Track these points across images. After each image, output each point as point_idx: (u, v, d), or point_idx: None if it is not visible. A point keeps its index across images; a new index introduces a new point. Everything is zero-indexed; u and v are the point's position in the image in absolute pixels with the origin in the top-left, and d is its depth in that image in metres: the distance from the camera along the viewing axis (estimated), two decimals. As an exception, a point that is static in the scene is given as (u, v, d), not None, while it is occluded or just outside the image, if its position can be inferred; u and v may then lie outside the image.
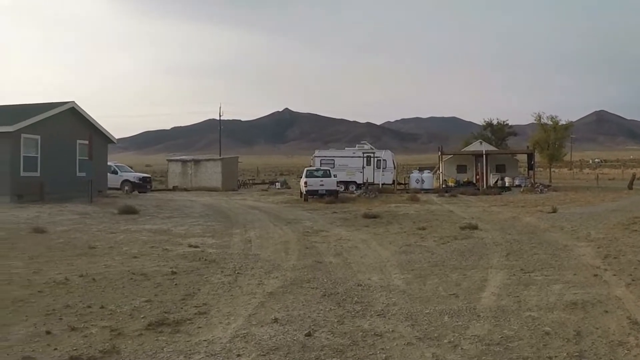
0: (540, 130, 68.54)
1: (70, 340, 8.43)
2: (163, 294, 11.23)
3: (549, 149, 66.74)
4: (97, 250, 16.79)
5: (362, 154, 54.33)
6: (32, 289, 11.78)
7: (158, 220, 24.87)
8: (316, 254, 16.17)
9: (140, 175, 52.27)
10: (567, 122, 71.65)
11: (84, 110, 39.70)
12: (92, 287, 11.90)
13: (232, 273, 13.27)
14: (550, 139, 66.99)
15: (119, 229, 21.62)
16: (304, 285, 11.94)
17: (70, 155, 38.23)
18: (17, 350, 8.05)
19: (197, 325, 9.07)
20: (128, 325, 9.12)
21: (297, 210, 31.09)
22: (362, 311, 9.85)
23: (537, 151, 62.27)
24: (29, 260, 15.08)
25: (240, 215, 27.99)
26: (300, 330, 8.74)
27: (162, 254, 15.97)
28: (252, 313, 9.72)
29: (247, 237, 19.63)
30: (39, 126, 34.68)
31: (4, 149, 32.89)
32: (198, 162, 59.91)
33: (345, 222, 24.48)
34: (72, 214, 27.20)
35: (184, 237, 19.55)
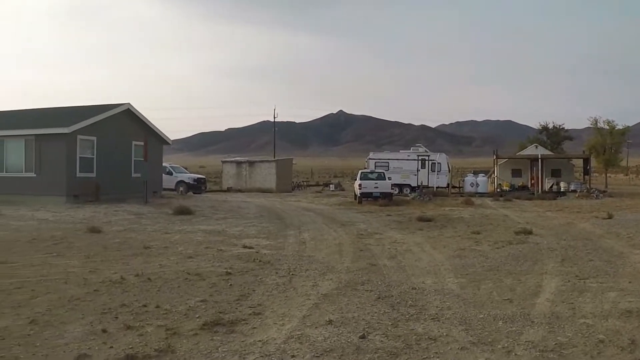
0: (596, 134, 67.58)
1: (125, 338, 8.52)
2: (218, 294, 11.29)
3: (605, 154, 65.78)
4: (152, 250, 16.96)
5: (416, 157, 54.12)
6: (89, 287, 11.93)
7: (213, 221, 25.03)
8: (370, 256, 16.15)
9: (195, 176, 52.52)
10: (623, 126, 70.52)
11: (139, 112, 40.05)
12: (147, 286, 12.02)
13: (287, 274, 13.31)
14: (606, 144, 66.06)
15: (174, 230, 21.83)
16: (358, 288, 11.93)
17: (126, 156, 38.62)
18: (73, 347, 8.16)
19: (252, 325, 9.12)
20: (183, 324, 9.19)
21: (351, 213, 31.09)
22: (416, 314, 9.82)
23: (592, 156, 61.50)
24: (85, 260, 15.28)
25: (294, 216, 28.06)
26: (355, 333, 8.74)
27: (217, 255, 16.07)
28: (306, 314, 9.74)
29: (301, 239, 19.69)
30: (95, 127, 35.11)
31: (60, 150, 33.35)
32: (252, 164, 60.16)
33: (399, 225, 24.42)
34: (128, 214, 27.48)
35: (238, 238, 19.65)
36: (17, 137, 35.21)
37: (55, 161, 33.59)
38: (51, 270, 13.81)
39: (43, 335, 8.76)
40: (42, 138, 34.09)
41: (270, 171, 58.62)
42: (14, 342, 8.43)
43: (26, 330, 9.01)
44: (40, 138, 34.14)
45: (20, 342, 8.42)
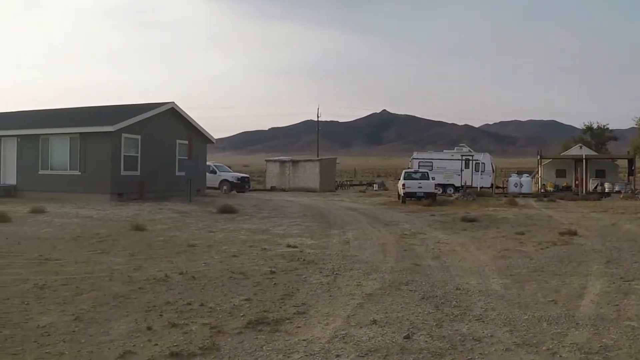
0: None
1: (170, 336, 8.54)
2: (262, 293, 11.29)
3: (650, 154, 65.06)
4: (196, 248, 17.03)
5: (460, 157, 53.86)
6: (133, 285, 11.99)
7: (256, 220, 25.09)
8: (414, 256, 16.06)
9: (238, 175, 52.72)
10: (669, 126, 69.82)
11: (184, 111, 40.30)
12: (191, 284, 12.05)
13: (331, 274, 13.28)
14: (652, 144, 65.33)
15: (217, 228, 21.90)
16: (402, 288, 11.86)
17: (170, 154, 38.95)
18: (118, 345, 8.19)
19: (296, 324, 9.10)
20: (228, 323, 9.19)
21: (395, 212, 31.00)
22: (461, 315, 9.75)
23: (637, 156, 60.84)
24: (130, 257, 15.39)
25: (338, 216, 28.04)
26: (399, 333, 8.69)
27: (261, 254, 16.08)
28: (350, 314, 9.70)
29: (345, 238, 19.64)
30: (140, 126, 35.44)
31: (105, 149, 33.71)
32: (296, 163, 60.20)
33: (443, 225, 24.29)
34: (172, 212, 27.64)
35: (282, 237, 19.66)
36: (62, 135, 35.64)
37: (100, 159, 33.95)
38: (96, 268, 13.91)
39: (88, 331, 8.81)
40: (87, 136, 34.46)
41: (313, 170, 58.62)
42: (59, 339, 8.48)
43: (71, 326, 9.07)
44: (85, 136, 34.52)
45: (65, 339, 8.47)
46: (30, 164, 36.96)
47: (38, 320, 9.43)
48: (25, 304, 10.44)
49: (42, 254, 15.75)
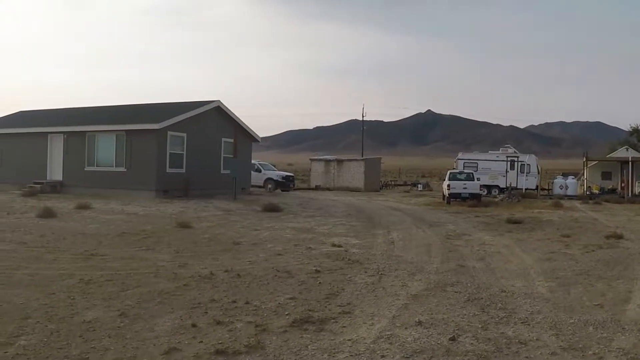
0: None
1: (215, 334, 8.55)
2: (307, 291, 11.28)
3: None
4: (241, 246, 17.06)
5: (505, 158, 53.43)
6: (178, 282, 12.04)
7: (301, 219, 25.11)
8: (459, 257, 15.96)
9: (283, 174, 52.81)
10: None
11: (229, 109, 40.41)
12: (236, 282, 12.07)
13: (376, 274, 13.21)
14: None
15: (262, 226, 21.92)
16: (448, 289, 11.78)
17: (215, 152, 39.14)
18: (163, 341, 8.22)
19: (341, 324, 9.06)
20: (273, 321, 9.18)
21: (439, 213, 30.87)
22: (506, 318, 9.65)
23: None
24: (175, 254, 15.46)
25: (382, 216, 27.97)
26: (444, 334, 8.62)
27: (306, 252, 16.07)
28: (395, 315, 9.65)
29: (389, 238, 19.57)
30: (186, 124, 35.64)
31: (151, 146, 33.93)
32: (341, 162, 60.21)
33: (487, 227, 24.12)
34: (217, 210, 27.75)
35: (327, 236, 19.62)
36: (108, 133, 35.99)
37: (145, 156, 34.19)
38: (141, 264, 13.99)
39: (133, 327, 8.85)
40: (133, 134, 34.72)
41: (358, 170, 58.57)
42: (104, 334, 8.53)
43: (116, 322, 9.12)
44: (131, 133, 34.78)
45: (111, 334, 8.52)
46: (76, 161, 37.33)
47: (84, 315, 9.50)
48: (71, 299, 10.53)
49: (88, 250, 15.89)
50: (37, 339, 8.32)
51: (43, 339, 8.30)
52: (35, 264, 13.95)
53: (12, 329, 8.75)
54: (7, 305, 10.08)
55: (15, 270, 13.20)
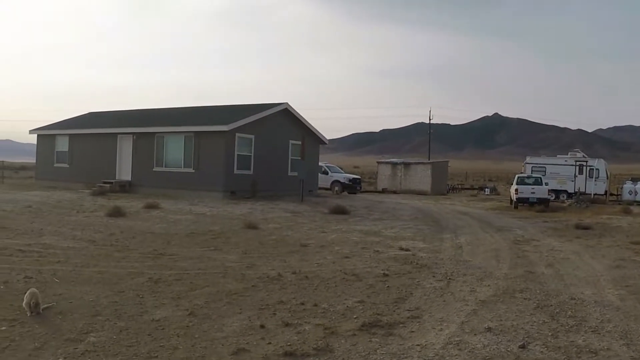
0: None
1: (283, 335, 8.55)
2: (375, 295, 11.21)
3: None
4: (308, 248, 17.09)
5: (574, 162, 52.74)
6: (246, 283, 12.09)
7: (368, 222, 25.02)
8: (527, 263, 15.75)
9: (350, 177, 52.79)
10: None
11: (297, 112, 40.49)
12: (304, 284, 12.08)
13: (444, 278, 13.10)
14: None
15: (330, 229, 21.93)
16: (517, 295, 11.62)
17: (283, 154, 39.24)
18: (232, 341, 8.25)
19: (410, 329, 8.98)
20: (341, 324, 9.15)
21: (507, 218, 30.58)
22: (576, 326, 9.47)
23: None
24: (243, 255, 15.53)
25: (449, 220, 27.80)
26: (514, 342, 8.49)
27: (374, 256, 16.00)
28: (464, 320, 9.54)
29: (457, 243, 19.42)
30: (253, 126, 35.78)
31: (219, 147, 34.15)
32: (408, 165, 60.01)
33: (556, 232, 23.78)
34: (284, 211, 27.81)
35: (394, 240, 19.53)
36: (177, 134, 36.32)
37: (213, 158, 34.41)
38: (209, 264, 14.08)
39: (202, 327, 8.90)
40: (201, 135, 34.97)
41: (425, 173, 58.35)
42: (173, 333, 8.60)
43: (185, 321, 9.19)
44: (199, 135, 35.04)
45: (179, 333, 8.58)
46: (145, 161, 37.81)
47: (152, 313, 9.58)
48: (139, 297, 10.64)
49: (156, 249, 16.06)
50: (106, 336, 8.42)
51: (112, 336, 8.39)
52: (104, 261, 14.13)
53: (81, 325, 8.86)
54: (77, 302, 10.21)
55: (85, 267, 13.38)
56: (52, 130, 46.21)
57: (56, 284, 11.72)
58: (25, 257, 14.63)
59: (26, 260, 14.21)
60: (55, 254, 15.16)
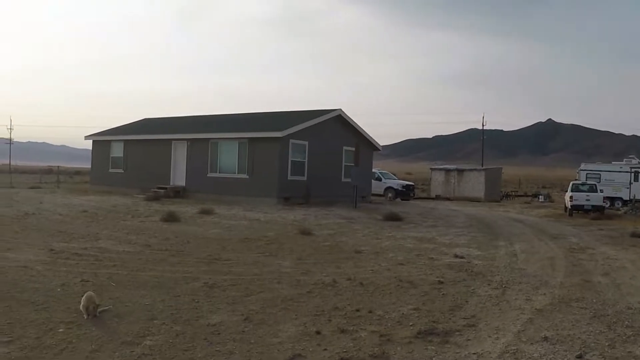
0: None
1: (339, 342, 8.55)
2: (431, 302, 11.15)
3: None
4: (363, 255, 17.05)
5: (629, 169, 52.08)
6: (301, 289, 12.11)
7: (422, 229, 24.90)
8: (583, 272, 15.55)
9: (403, 183, 52.80)
10: None
11: (350, 118, 40.49)
12: (359, 291, 12.06)
13: (499, 286, 12.98)
14: None
15: (383, 235, 21.85)
16: (573, 304, 11.47)
17: (336, 160, 39.30)
18: (287, 347, 8.27)
19: (466, 337, 8.91)
20: (397, 331, 9.12)
21: (561, 225, 30.28)
22: (634, 336, 9.30)
23: None
24: (297, 261, 15.56)
25: (504, 227, 27.59)
26: (571, 351, 8.38)
27: (428, 263, 15.91)
28: (521, 329, 9.43)
29: (512, 250, 19.24)
30: (307, 132, 35.87)
31: (273, 153, 34.30)
32: (461, 172, 59.78)
33: (611, 240, 23.44)
34: (338, 217, 27.81)
35: (448, 247, 19.40)
36: (231, 140, 36.56)
37: (267, 164, 34.57)
38: (264, 270, 14.13)
39: (257, 332, 8.93)
40: (255, 141, 35.16)
41: (479, 180, 58.06)
42: (229, 337, 8.65)
43: (241, 326, 9.23)
44: (253, 141, 35.23)
45: (235, 338, 8.62)
46: (199, 167, 38.11)
47: (208, 318, 9.64)
48: (195, 302, 10.72)
49: (211, 254, 16.16)
50: (162, 339, 8.49)
51: (168, 340, 8.46)
52: (160, 266, 14.25)
53: (138, 329, 8.95)
54: (133, 306, 10.32)
55: (140, 271, 13.51)
56: (107, 136, 46.81)
57: (112, 287, 11.85)
58: (81, 260, 14.82)
59: (82, 263, 14.41)
60: (111, 257, 15.34)
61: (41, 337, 8.51)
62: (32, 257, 15.16)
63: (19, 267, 13.79)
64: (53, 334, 8.66)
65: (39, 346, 8.15)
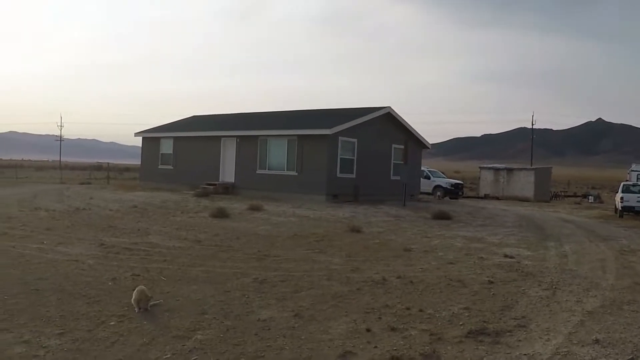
0: None
1: (390, 340, 8.55)
2: (481, 302, 11.10)
3: None
4: (412, 253, 17.00)
5: (681, 169, 51.36)
6: (351, 286, 12.13)
7: (471, 228, 24.74)
8: (634, 274, 15.31)
9: (452, 182, 52.62)
10: None
11: (400, 116, 40.37)
12: (409, 289, 12.05)
13: (550, 287, 12.86)
14: None
15: (433, 234, 21.77)
16: (624, 307, 11.31)
17: (385, 158, 39.24)
18: (337, 344, 8.29)
19: (517, 338, 8.85)
20: (447, 331, 9.09)
21: (612, 227, 29.90)
22: (687, 341, 9.23)
23: None
24: (347, 258, 15.58)
25: (553, 227, 27.32)
26: (622, 355, 8.29)
27: (478, 262, 15.83)
28: (571, 331, 9.34)
29: (562, 251, 19.05)
30: (356, 130, 35.81)
31: (322, 151, 34.29)
32: (511, 171, 59.34)
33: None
34: (386, 215, 27.78)
35: (498, 247, 19.26)
36: (280, 137, 36.60)
37: (316, 161, 34.57)
38: (314, 266, 14.17)
39: (308, 329, 8.97)
40: (304, 138, 35.17)
41: (528, 179, 57.58)
42: (279, 333, 8.70)
43: (291, 322, 9.28)
44: (302, 138, 35.25)
45: (286, 334, 8.67)
46: (248, 164, 38.27)
47: (258, 313, 9.71)
48: (245, 297, 10.79)
49: (261, 250, 16.26)
50: (213, 334, 8.57)
51: (219, 335, 8.53)
52: (210, 261, 14.37)
53: (189, 323, 9.03)
54: (184, 300, 10.42)
55: (191, 267, 13.63)
56: (156, 133, 47.16)
57: (163, 282, 11.97)
58: (132, 255, 15.01)
59: (133, 258, 14.58)
60: (161, 252, 15.50)
61: (93, 330, 8.63)
62: (83, 251, 15.39)
63: (70, 260, 14.02)
64: (104, 327, 8.78)
65: (91, 339, 8.27)
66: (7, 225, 20.46)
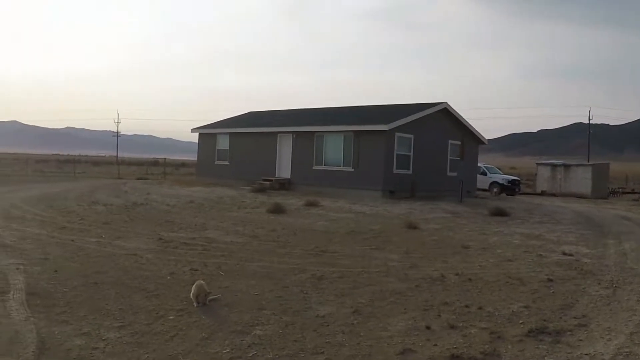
0: None
1: (449, 338, 8.53)
2: (540, 300, 10.98)
3: None
4: (470, 250, 16.91)
5: None
6: (409, 283, 12.13)
7: (529, 225, 24.45)
8: (697, 273, 15.15)
9: (509, 178, 52.18)
10: None
11: (456, 111, 40.14)
12: (468, 286, 12.00)
13: (610, 286, 12.66)
14: None
15: (490, 231, 21.59)
16: (686, 307, 11.19)
17: (442, 154, 39.03)
18: (397, 341, 8.31)
19: (578, 337, 8.75)
20: (507, 329, 9.04)
21: (673, 225, 29.50)
22: None
23: None
24: (404, 255, 15.55)
25: (612, 225, 26.93)
26: (685, 355, 8.19)
27: (536, 260, 15.65)
28: (633, 331, 9.18)
29: (621, 249, 18.74)
30: (413, 125, 35.64)
31: (379, 147, 34.20)
32: (568, 167, 58.59)
33: None
34: (443, 212, 27.63)
35: (556, 244, 19.00)
36: (336, 133, 36.57)
37: (373, 157, 34.49)
38: (371, 263, 14.19)
39: (367, 325, 8.99)
40: (361, 134, 35.11)
41: (585, 176, 56.82)
42: (338, 330, 8.75)
43: (350, 319, 9.32)
44: (358, 134, 35.19)
45: (345, 330, 8.72)
46: (304, 160, 38.30)
47: (317, 309, 9.77)
48: (304, 293, 10.85)
49: (318, 246, 16.30)
50: (272, 330, 8.64)
51: (278, 330, 8.61)
52: (267, 257, 14.45)
53: (247, 318, 9.11)
54: (243, 295, 10.51)
55: (249, 262, 13.74)
56: (213, 129, 47.42)
57: (221, 277, 12.08)
58: (190, 250, 15.16)
59: (191, 253, 14.73)
60: (218, 247, 15.63)
61: (152, 324, 8.75)
62: (141, 245, 15.59)
63: (128, 254, 14.22)
64: (163, 321, 8.89)
65: (150, 332, 8.38)
66: (66, 219, 20.81)
